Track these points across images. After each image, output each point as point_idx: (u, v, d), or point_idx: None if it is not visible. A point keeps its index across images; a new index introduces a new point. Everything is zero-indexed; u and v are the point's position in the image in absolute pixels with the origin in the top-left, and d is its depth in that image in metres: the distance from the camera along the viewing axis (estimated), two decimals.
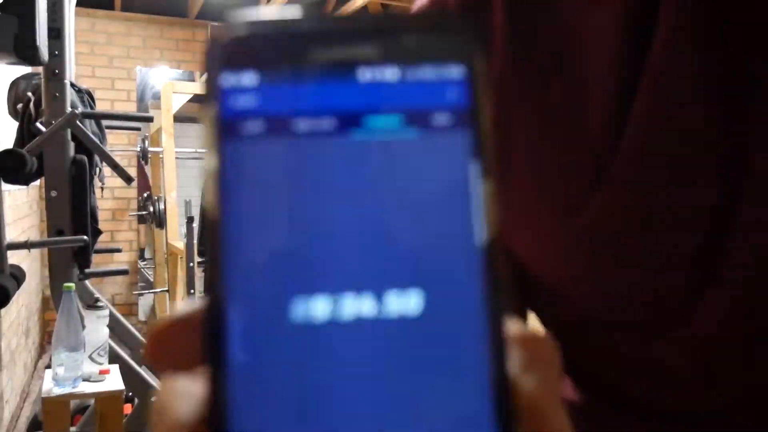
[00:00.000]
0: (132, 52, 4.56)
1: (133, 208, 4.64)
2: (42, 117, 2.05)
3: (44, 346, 4.07)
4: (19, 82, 2.24)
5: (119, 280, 4.59)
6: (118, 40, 4.52)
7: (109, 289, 4.55)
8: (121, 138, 4.53)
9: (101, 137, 2.35)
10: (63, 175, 2.07)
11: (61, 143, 2.06)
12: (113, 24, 4.50)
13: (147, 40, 4.60)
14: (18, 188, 3.10)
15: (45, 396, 1.79)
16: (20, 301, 3.19)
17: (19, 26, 1.61)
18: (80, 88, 2.27)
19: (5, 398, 2.63)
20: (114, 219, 4.58)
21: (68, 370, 1.80)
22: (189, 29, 4.72)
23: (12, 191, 2.94)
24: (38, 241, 2.92)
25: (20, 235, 3.15)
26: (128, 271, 2.52)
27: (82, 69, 4.38)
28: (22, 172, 1.85)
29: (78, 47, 4.28)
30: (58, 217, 2.08)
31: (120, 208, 4.60)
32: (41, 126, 2.01)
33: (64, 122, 1.99)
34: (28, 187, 3.54)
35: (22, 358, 3.19)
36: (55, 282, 2.12)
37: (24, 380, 3.23)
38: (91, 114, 2.23)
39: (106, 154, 2.13)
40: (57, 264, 2.13)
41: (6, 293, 1.73)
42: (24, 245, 1.85)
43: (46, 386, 1.83)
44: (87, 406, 2.50)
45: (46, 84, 2.03)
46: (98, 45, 4.47)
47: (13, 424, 2.77)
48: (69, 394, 1.80)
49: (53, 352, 1.80)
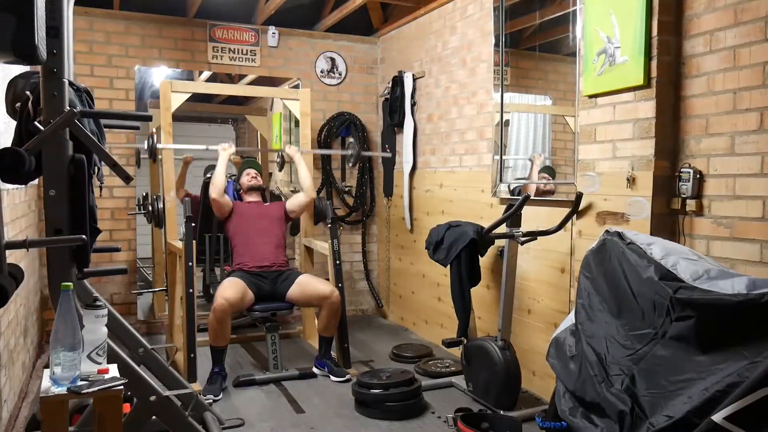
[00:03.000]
0: (130, 51, 4.55)
1: (131, 207, 4.64)
2: (40, 116, 2.04)
3: (43, 346, 4.06)
4: (17, 80, 2.23)
5: (118, 279, 4.59)
6: (117, 39, 4.51)
7: (108, 289, 4.55)
8: (119, 137, 4.53)
9: (100, 136, 2.35)
10: (61, 174, 2.06)
11: (60, 142, 2.05)
12: (112, 23, 4.50)
13: (146, 38, 4.59)
14: (16, 187, 3.10)
15: (43, 395, 1.78)
16: (19, 301, 3.18)
17: (17, 25, 1.61)
18: (79, 87, 2.26)
19: (3, 398, 2.63)
20: (113, 218, 4.57)
21: (66, 370, 1.80)
22: (188, 28, 4.71)
23: (10, 190, 2.93)
24: (37, 240, 2.92)
25: (19, 234, 3.15)
26: (127, 270, 2.51)
27: (80, 68, 4.37)
28: (21, 171, 1.85)
29: (76, 46, 4.27)
30: (57, 216, 2.07)
31: (119, 207, 4.60)
32: (40, 125, 2.00)
33: (62, 121, 1.99)
34: (27, 186, 3.53)
35: (20, 358, 3.19)
36: (54, 281, 2.11)
37: (22, 380, 3.23)
38: (90, 113, 2.22)
39: (104, 153, 2.12)
40: (55, 263, 2.13)
41: (4, 292, 1.73)
42: (22, 244, 1.84)
43: (45, 386, 1.83)
44: (86, 406, 2.50)
45: (45, 83, 2.02)
46: (97, 44, 4.46)
47: (12, 424, 2.77)
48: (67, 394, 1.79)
49: (51, 352, 1.80)
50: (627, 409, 2.00)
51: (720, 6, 2.39)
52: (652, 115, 2.56)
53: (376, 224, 5.42)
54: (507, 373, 3.03)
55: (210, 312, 3.49)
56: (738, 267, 2.30)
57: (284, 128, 5.54)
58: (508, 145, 3.71)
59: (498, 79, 3.66)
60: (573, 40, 3.09)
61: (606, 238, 2.43)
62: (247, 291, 3.62)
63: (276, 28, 4.96)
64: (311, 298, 3.75)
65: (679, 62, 2.56)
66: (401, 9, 4.91)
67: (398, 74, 4.77)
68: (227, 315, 3.46)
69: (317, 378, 3.68)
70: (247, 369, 3.85)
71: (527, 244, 3.18)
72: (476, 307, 3.58)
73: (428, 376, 3.68)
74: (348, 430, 2.98)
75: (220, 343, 3.49)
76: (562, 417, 2.32)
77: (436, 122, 4.45)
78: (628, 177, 2.66)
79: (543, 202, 3.33)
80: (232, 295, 3.49)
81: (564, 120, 3.44)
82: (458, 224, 3.29)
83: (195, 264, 3.53)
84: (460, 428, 2.75)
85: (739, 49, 2.31)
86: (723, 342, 1.88)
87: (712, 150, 2.43)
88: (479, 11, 3.89)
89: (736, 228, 2.33)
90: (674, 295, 2.01)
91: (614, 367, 2.16)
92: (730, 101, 2.35)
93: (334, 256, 3.91)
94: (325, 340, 3.74)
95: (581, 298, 2.46)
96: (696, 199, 2.47)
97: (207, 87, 5.13)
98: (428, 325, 4.60)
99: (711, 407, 1.77)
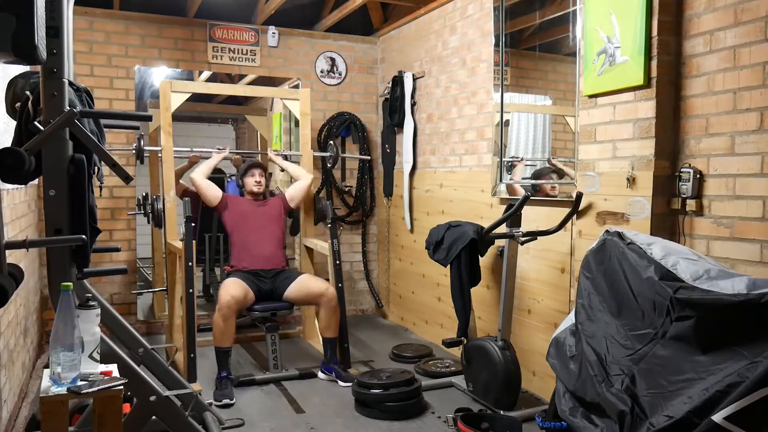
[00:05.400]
0: (130, 51, 4.55)
1: (131, 207, 4.63)
2: (40, 116, 2.04)
3: (43, 346, 4.06)
4: (17, 80, 2.24)
5: (118, 279, 4.59)
6: (117, 39, 4.51)
7: (108, 289, 4.55)
8: (119, 137, 4.53)
9: (100, 136, 2.35)
10: (61, 174, 2.06)
11: (60, 142, 2.05)
12: (112, 23, 4.50)
13: (145, 38, 4.59)
14: (16, 187, 3.10)
15: (43, 395, 1.78)
16: (19, 301, 3.18)
17: (17, 25, 1.60)
18: (79, 87, 2.26)
19: (3, 398, 2.62)
20: (113, 218, 4.57)
21: (66, 370, 1.80)
22: (188, 28, 4.71)
23: (10, 190, 2.93)
24: (37, 240, 2.92)
25: (18, 234, 3.15)
26: (127, 270, 2.51)
27: (80, 68, 4.37)
28: (21, 171, 1.85)
29: (76, 46, 4.27)
30: (57, 216, 2.07)
31: (118, 207, 4.59)
32: (40, 125, 2.00)
33: (62, 121, 1.98)
34: (27, 186, 3.53)
35: (20, 358, 3.18)
36: (54, 281, 2.11)
37: (22, 380, 3.22)
38: (90, 113, 2.22)
39: (104, 153, 2.12)
40: (55, 263, 2.13)
41: (4, 292, 1.73)
42: (22, 244, 1.84)
43: (45, 386, 1.83)
44: (85, 406, 2.50)
45: (45, 82, 2.02)
46: (97, 44, 4.46)
47: (12, 424, 2.77)
48: (67, 394, 1.79)
49: (51, 352, 1.80)
50: (627, 409, 2.00)
51: (720, 6, 2.39)
52: (652, 115, 2.56)
53: (376, 224, 5.41)
54: (507, 373, 3.03)
55: (215, 311, 3.48)
56: (738, 267, 2.30)
57: (284, 128, 5.54)
58: (508, 145, 3.71)
59: (498, 79, 3.66)
60: (573, 40, 3.09)
61: (606, 238, 2.43)
62: (248, 290, 3.63)
63: (276, 28, 4.96)
64: (308, 297, 3.75)
65: (679, 62, 2.56)
66: (401, 9, 4.91)
67: (398, 74, 4.77)
68: (233, 313, 3.46)
69: (317, 378, 3.68)
70: (247, 369, 3.85)
71: (527, 244, 3.18)
72: (476, 307, 3.58)
73: (428, 376, 3.68)
74: (348, 430, 2.98)
75: (226, 343, 3.46)
76: (562, 417, 2.32)
77: (436, 122, 4.45)
78: (628, 177, 2.66)
79: (543, 202, 3.33)
80: (237, 293, 3.50)
81: (564, 120, 3.44)
82: (458, 224, 3.29)
83: (195, 264, 3.53)
84: (460, 428, 2.75)
85: (739, 49, 2.31)
86: (723, 342, 1.88)
87: (712, 150, 2.43)
88: (479, 11, 3.89)
89: (736, 228, 2.33)
90: (674, 295, 2.00)
91: (614, 367, 2.16)
92: (730, 101, 2.35)
93: (334, 256, 3.91)
94: (329, 343, 3.70)
95: (581, 298, 2.46)
96: (696, 199, 2.47)
97: (207, 87, 5.12)
98: (428, 325, 4.60)
99: (711, 407, 1.77)
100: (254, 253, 3.85)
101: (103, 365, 1.98)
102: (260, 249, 3.87)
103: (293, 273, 3.89)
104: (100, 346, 1.96)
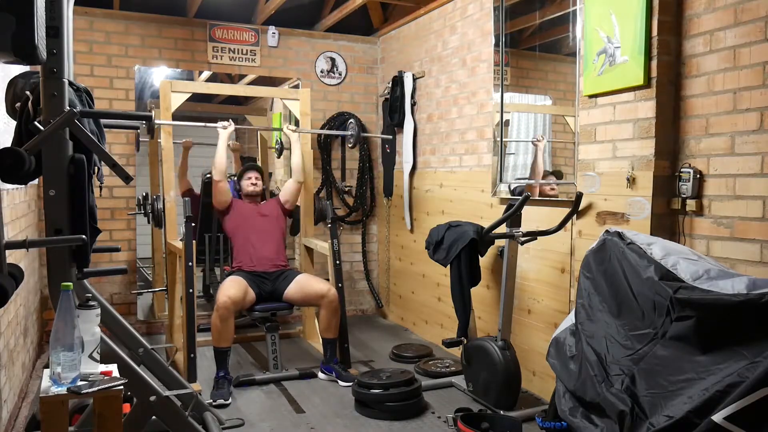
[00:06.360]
0: (130, 51, 4.55)
1: (131, 207, 4.64)
2: (40, 116, 2.04)
3: (43, 346, 4.06)
4: (17, 80, 2.24)
5: (118, 279, 4.59)
6: (117, 39, 4.51)
7: (108, 289, 4.55)
8: (119, 137, 4.53)
9: (100, 136, 2.35)
10: (61, 174, 2.06)
11: (60, 142, 2.05)
12: (112, 23, 4.50)
13: (145, 38, 4.59)
14: (16, 187, 3.10)
15: (43, 395, 1.78)
16: (19, 301, 3.18)
17: (17, 25, 1.61)
18: (79, 87, 2.26)
19: (3, 398, 2.62)
20: (113, 218, 4.57)
21: (66, 370, 1.80)
22: (187, 28, 4.71)
23: (10, 190, 2.93)
24: (37, 240, 2.92)
25: (19, 234, 3.15)
26: (127, 270, 2.51)
27: (80, 68, 4.37)
28: (21, 171, 1.85)
29: (76, 46, 4.27)
30: (57, 216, 2.08)
31: (118, 207, 4.60)
32: (40, 125, 2.00)
33: (62, 121, 1.99)
34: (27, 186, 3.53)
35: (20, 358, 3.18)
36: (54, 281, 2.11)
37: (22, 380, 3.22)
38: (90, 113, 2.22)
39: (104, 153, 2.12)
40: (55, 263, 2.13)
41: (4, 292, 1.73)
42: (22, 244, 1.84)
43: (45, 386, 1.83)
44: (85, 406, 2.50)
45: (45, 82, 2.02)
46: (97, 44, 4.46)
47: (12, 424, 2.77)
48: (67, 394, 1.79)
49: (51, 352, 1.80)
50: (627, 409, 2.00)
51: (720, 6, 2.38)
52: (652, 115, 2.56)
53: (376, 224, 5.41)
54: (507, 373, 3.03)
55: (213, 311, 3.48)
56: (738, 267, 2.30)
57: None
58: (508, 145, 3.71)
59: (498, 79, 3.66)
60: (573, 40, 3.09)
61: (606, 238, 2.43)
62: (249, 290, 3.62)
63: (276, 28, 4.96)
64: (309, 297, 3.75)
65: (679, 62, 2.56)
66: (401, 9, 4.91)
67: (398, 74, 4.77)
68: (230, 313, 3.45)
69: (317, 378, 3.68)
70: (247, 369, 3.85)
71: (527, 244, 3.18)
72: (476, 307, 3.58)
73: (428, 376, 3.68)
74: (348, 430, 2.98)
75: (224, 344, 3.45)
76: (562, 417, 2.32)
77: (436, 122, 4.45)
78: (628, 177, 2.66)
79: (543, 202, 3.33)
80: (234, 293, 3.49)
81: (564, 120, 3.43)
82: (458, 224, 3.29)
83: (195, 264, 3.53)
84: (460, 428, 2.75)
85: (739, 49, 2.31)
86: (723, 342, 1.88)
87: (712, 150, 2.43)
88: (479, 11, 3.89)
89: (736, 228, 2.33)
90: (674, 295, 2.00)
91: (614, 367, 2.16)
92: (730, 101, 2.35)
93: (334, 256, 3.91)
94: (328, 343, 3.70)
95: (581, 298, 2.46)
96: (696, 199, 2.47)
97: (207, 87, 5.12)
98: (428, 325, 4.60)
99: (711, 407, 1.77)
100: (256, 255, 3.85)
101: (103, 365, 1.97)
102: (262, 250, 3.87)
103: (292, 273, 3.88)
104: (100, 346, 1.96)
